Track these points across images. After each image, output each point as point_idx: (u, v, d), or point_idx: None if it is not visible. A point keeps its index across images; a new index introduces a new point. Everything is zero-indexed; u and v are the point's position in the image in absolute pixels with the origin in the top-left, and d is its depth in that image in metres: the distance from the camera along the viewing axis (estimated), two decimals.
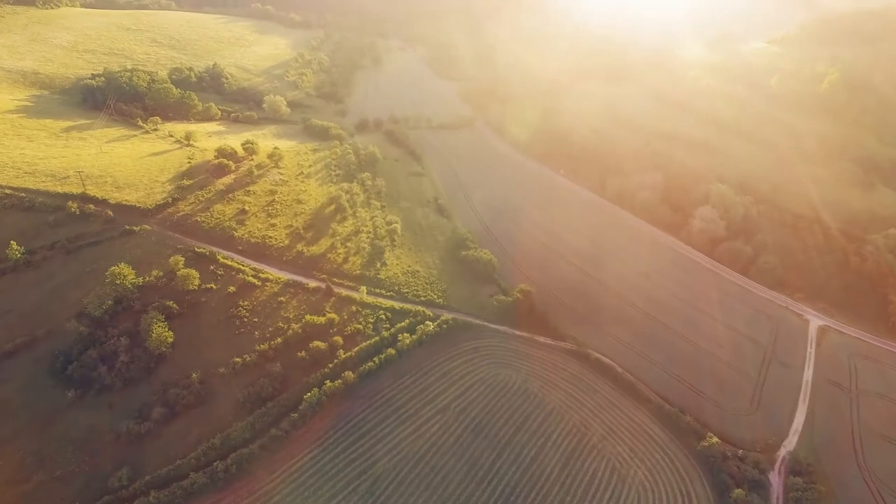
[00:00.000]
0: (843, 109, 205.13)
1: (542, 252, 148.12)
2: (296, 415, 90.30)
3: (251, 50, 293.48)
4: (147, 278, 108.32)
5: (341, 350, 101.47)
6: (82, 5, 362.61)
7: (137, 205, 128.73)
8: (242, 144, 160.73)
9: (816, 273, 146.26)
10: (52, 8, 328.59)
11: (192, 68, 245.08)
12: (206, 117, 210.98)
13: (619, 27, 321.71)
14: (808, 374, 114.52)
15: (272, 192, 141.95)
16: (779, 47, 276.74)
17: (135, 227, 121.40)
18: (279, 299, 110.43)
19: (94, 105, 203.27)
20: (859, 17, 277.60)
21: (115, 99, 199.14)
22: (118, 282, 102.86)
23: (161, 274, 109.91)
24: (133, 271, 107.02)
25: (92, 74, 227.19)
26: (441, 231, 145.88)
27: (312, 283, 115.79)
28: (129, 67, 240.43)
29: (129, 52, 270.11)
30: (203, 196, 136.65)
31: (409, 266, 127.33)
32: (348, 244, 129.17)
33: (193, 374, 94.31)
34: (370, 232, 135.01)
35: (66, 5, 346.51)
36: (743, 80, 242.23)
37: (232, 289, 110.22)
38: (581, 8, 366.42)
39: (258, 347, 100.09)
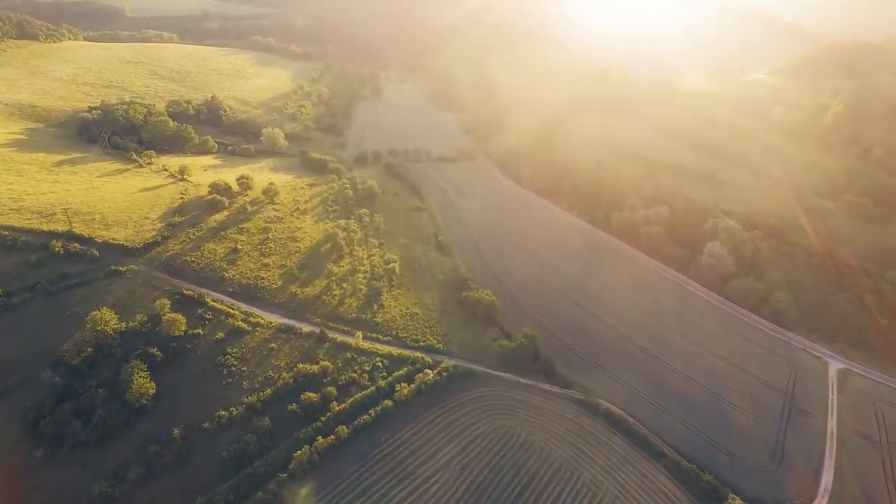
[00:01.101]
0: (849, 142, 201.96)
1: (546, 291, 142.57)
2: (285, 475, 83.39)
3: (251, 82, 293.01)
4: (130, 323, 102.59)
5: (334, 402, 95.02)
6: (85, 39, 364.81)
7: (125, 243, 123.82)
8: (237, 179, 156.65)
9: (832, 312, 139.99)
10: (55, 42, 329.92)
11: (191, 101, 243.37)
12: (203, 150, 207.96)
13: (618, 58, 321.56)
14: (831, 423, 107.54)
15: (266, 230, 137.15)
16: (779, 79, 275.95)
17: (121, 268, 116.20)
18: (270, 346, 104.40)
19: (90, 138, 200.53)
20: (857, 49, 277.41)
21: (109, 132, 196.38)
22: (99, 328, 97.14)
23: (146, 318, 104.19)
24: (116, 316, 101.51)
25: (89, 107, 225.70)
26: (441, 269, 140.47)
27: (306, 328, 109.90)
28: (126, 100, 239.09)
29: (128, 85, 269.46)
30: (194, 234, 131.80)
31: (408, 308, 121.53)
32: (344, 285, 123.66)
33: (175, 430, 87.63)
34: (367, 272, 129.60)
35: (69, 39, 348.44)
36: (746, 111, 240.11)
37: (220, 335, 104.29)
38: (580, 40, 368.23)
39: (246, 399, 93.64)
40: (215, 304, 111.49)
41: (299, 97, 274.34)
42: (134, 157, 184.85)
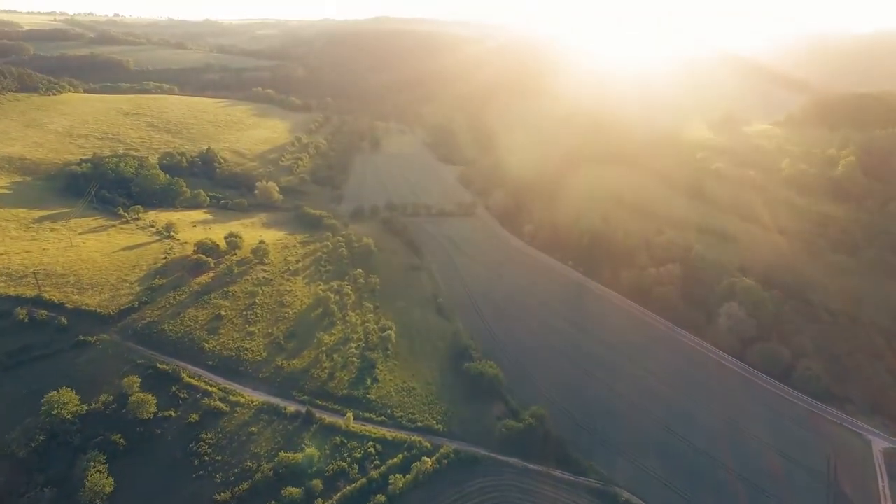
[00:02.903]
0: (863, 194, 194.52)
1: (554, 358, 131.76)
2: None
3: (248, 133, 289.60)
4: (93, 405, 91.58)
5: (320, 498, 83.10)
6: (86, 91, 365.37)
7: (98, 310, 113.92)
8: (226, 237, 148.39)
9: (868, 380, 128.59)
10: (54, 94, 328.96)
11: (185, 153, 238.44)
12: (194, 204, 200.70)
13: (618, 108, 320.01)
14: None
15: (253, 294, 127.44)
16: (783, 129, 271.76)
17: (90, 338, 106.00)
18: (250, 429, 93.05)
19: (78, 192, 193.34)
20: (861, 100, 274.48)
21: (97, 186, 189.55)
22: (55, 412, 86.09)
23: (111, 399, 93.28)
24: (77, 396, 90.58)
25: (80, 160, 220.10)
26: (441, 335, 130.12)
27: (291, 407, 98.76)
28: (120, 152, 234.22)
29: (123, 137, 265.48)
30: (175, 298, 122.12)
31: (405, 382, 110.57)
32: (335, 356, 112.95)
33: None
34: (361, 340, 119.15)
35: (70, 91, 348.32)
36: (752, 162, 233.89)
37: (194, 417, 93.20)
38: (579, 90, 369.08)
39: (218, 496, 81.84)
40: (192, 379, 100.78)
41: (296, 149, 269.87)
42: (121, 212, 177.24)
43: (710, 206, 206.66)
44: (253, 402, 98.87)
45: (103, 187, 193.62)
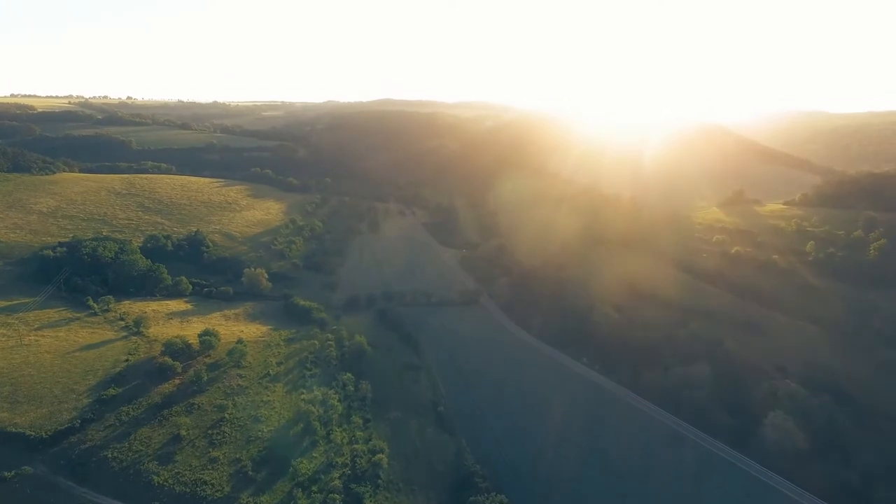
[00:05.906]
0: None
1: (573, 484, 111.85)
2: None
3: (241, 215, 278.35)
4: None
5: None
6: (82, 171, 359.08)
7: (28, 432, 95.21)
8: (199, 335, 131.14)
9: None
10: (48, 174, 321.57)
11: (170, 236, 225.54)
12: (176, 293, 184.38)
13: (626, 187, 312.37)
14: None
15: (222, 408, 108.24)
16: (800, 210, 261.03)
17: (7, 473, 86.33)
18: None
19: (49, 279, 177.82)
20: (878, 180, 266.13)
21: (67, 273, 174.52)
22: None
23: None
24: None
25: (59, 243, 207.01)
26: (441, 456, 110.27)
27: None
28: (102, 235, 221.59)
29: (110, 218, 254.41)
30: (128, 414, 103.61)
31: None
32: (314, 489, 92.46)
33: None
34: (347, 466, 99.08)
35: (64, 171, 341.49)
36: (772, 245, 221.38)
37: None
38: (584, 170, 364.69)
39: None
40: None
41: (290, 232, 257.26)
42: (90, 302, 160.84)
43: (733, 294, 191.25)
44: None
45: (77, 273, 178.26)
